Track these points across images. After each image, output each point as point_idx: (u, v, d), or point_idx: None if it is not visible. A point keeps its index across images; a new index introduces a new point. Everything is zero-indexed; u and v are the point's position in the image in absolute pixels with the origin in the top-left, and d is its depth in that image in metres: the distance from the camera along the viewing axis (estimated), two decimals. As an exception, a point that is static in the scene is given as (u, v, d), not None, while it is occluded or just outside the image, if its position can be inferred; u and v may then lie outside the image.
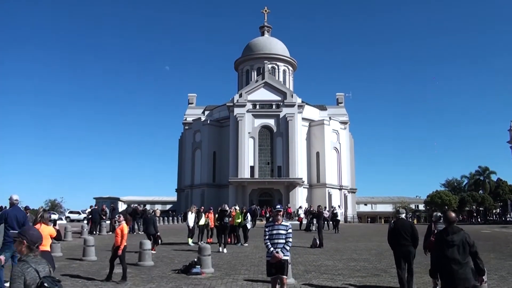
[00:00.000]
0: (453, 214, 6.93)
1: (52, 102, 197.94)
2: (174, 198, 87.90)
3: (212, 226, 23.11)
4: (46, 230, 6.70)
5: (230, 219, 19.99)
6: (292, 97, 70.33)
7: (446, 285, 6.53)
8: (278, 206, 8.26)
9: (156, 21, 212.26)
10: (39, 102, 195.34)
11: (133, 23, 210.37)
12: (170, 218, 51.97)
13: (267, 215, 47.83)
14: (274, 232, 7.69)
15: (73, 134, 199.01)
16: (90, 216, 30.56)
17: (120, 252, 11.07)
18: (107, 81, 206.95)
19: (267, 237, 7.73)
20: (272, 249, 7.63)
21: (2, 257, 5.56)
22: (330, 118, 74.90)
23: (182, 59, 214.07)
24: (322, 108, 79.32)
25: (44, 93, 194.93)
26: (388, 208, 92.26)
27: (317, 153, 72.39)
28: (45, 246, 6.45)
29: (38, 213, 8.37)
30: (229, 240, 20.47)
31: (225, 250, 18.04)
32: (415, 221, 56.42)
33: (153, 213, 22.09)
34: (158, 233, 18.90)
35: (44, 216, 8.14)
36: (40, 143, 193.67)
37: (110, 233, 28.31)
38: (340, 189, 73.23)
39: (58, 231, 6.97)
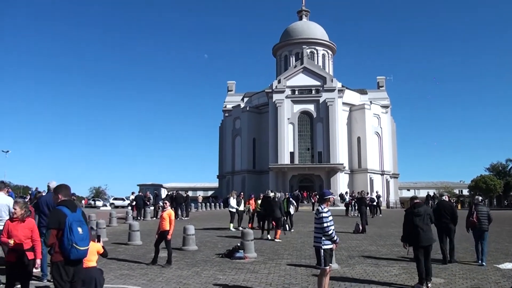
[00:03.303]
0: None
1: (97, 92, 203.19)
2: (215, 184, 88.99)
3: (253, 209, 23.25)
4: (94, 247, 6.96)
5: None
6: (332, 81, 69.45)
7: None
8: (327, 192, 8.07)
9: (194, 9, 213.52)
10: (85, 91, 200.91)
11: (171, 13, 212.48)
12: (212, 204, 52.69)
13: (312, 200, 47.69)
14: (331, 218, 7.54)
15: (117, 123, 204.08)
16: (134, 202, 31.25)
17: (169, 237, 11.29)
18: (149, 71, 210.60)
19: (328, 223, 7.49)
20: (336, 237, 7.51)
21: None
22: (371, 102, 73.60)
23: (221, 47, 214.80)
24: (362, 92, 77.99)
25: (89, 82, 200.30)
26: (431, 193, 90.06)
27: (358, 138, 71.41)
28: (92, 261, 6.67)
29: None
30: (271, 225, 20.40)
31: (269, 236, 18.01)
32: (458, 206, 55.05)
33: (280, 197, 20.88)
34: (284, 218, 18.75)
35: (91, 233, 8.34)
36: (85, 132, 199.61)
37: (154, 218, 28.91)
38: (382, 175, 72.10)
39: (104, 248, 7.21)
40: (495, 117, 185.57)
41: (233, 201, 22.12)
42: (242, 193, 25.16)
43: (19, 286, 6.49)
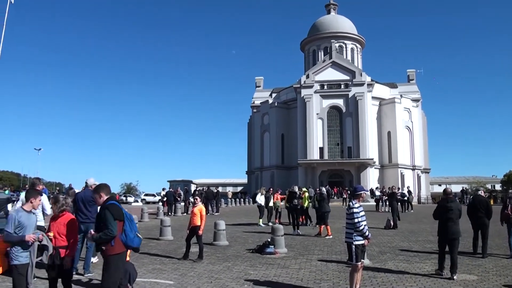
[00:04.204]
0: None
1: (127, 89, 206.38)
2: (244, 180, 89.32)
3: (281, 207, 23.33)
4: None
5: (300, 200, 19.81)
6: (361, 75, 68.70)
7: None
8: (360, 187, 7.99)
9: (221, 5, 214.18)
10: (116, 89, 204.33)
11: (199, 10, 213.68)
12: (242, 200, 52.88)
13: (343, 196, 47.37)
14: (363, 213, 7.47)
15: (148, 120, 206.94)
16: (165, 198, 31.64)
17: (201, 232, 11.39)
18: (178, 68, 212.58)
19: (360, 219, 7.41)
20: (368, 233, 7.43)
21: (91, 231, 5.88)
22: (401, 96, 72.46)
23: (248, 43, 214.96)
24: (392, 86, 76.84)
25: (120, 80, 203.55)
26: (464, 188, 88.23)
27: (389, 133, 70.45)
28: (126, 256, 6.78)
29: None
30: (300, 220, 20.34)
31: (299, 230, 17.94)
32: (491, 201, 53.93)
33: (325, 191, 20.07)
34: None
35: None
36: (116, 129, 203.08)
37: (185, 214, 29.21)
38: (413, 169, 70.98)
39: None
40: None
41: (259, 197, 22.26)
42: (271, 189, 25.16)
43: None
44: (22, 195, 12.95)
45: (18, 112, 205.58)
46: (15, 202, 12.72)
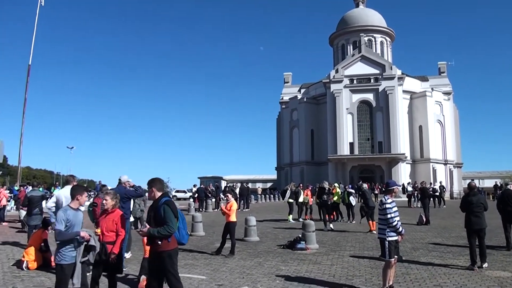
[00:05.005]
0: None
1: (157, 87, 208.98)
2: (274, 176, 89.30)
3: (311, 203, 23.32)
4: None
5: (330, 196, 19.66)
6: (391, 69, 67.70)
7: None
8: (392, 182, 7.91)
9: (248, 2, 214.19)
10: (146, 86, 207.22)
11: (226, 7, 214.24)
12: (272, 196, 52.95)
13: (375, 191, 46.87)
14: (396, 209, 7.42)
15: (178, 117, 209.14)
16: (196, 194, 31.97)
17: (232, 226, 11.56)
18: (206, 66, 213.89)
19: (392, 215, 7.36)
20: (401, 229, 7.37)
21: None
22: (432, 89, 71.02)
23: (276, 39, 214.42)
24: (423, 79, 75.36)
25: (150, 78, 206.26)
26: (498, 183, 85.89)
27: (420, 127, 69.24)
28: None
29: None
30: (332, 216, 20.24)
31: (331, 226, 17.84)
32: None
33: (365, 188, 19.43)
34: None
35: None
36: (147, 127, 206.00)
37: (216, 210, 29.46)
38: (445, 164, 69.58)
39: None
40: None
41: (288, 193, 22.36)
42: (301, 185, 25.12)
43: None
44: (55, 192, 13.38)
45: (50, 112, 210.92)
46: (48, 199, 13.13)
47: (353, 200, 21.58)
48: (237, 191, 29.83)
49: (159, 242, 5.50)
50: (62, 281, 5.74)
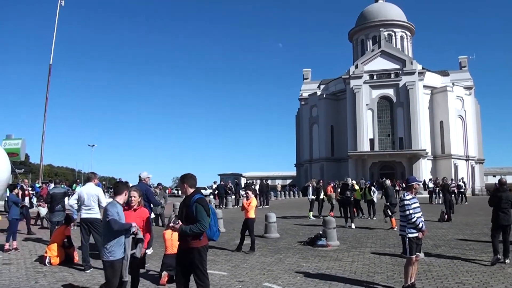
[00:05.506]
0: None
1: (178, 84, 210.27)
2: (293, 172, 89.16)
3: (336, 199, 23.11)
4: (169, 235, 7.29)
5: (353, 192, 19.42)
6: (411, 64, 66.85)
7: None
8: (412, 178, 7.82)
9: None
10: (167, 84, 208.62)
11: (244, 4, 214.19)
12: (291, 192, 52.91)
13: (396, 188, 46.41)
14: (416, 205, 7.36)
15: (198, 115, 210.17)
16: (216, 191, 32.18)
17: (250, 223, 11.60)
18: (225, 63, 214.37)
19: (412, 211, 7.31)
20: (422, 225, 7.30)
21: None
22: (453, 84, 69.90)
23: (294, 35, 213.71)
24: (444, 73, 74.19)
25: (170, 76, 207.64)
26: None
27: (441, 122, 68.29)
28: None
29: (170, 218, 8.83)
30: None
31: (353, 225, 17.50)
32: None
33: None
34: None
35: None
36: (167, 124, 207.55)
37: (236, 206, 29.58)
38: (466, 160, 68.50)
39: None
40: None
41: (311, 190, 22.26)
42: (321, 181, 25.00)
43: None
44: (77, 189, 13.62)
45: (71, 110, 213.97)
46: (70, 196, 13.35)
47: (374, 197, 21.42)
48: (257, 188, 29.88)
49: (190, 239, 5.55)
50: (113, 277, 5.72)
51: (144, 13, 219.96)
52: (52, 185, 17.02)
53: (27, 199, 20.81)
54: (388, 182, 19.14)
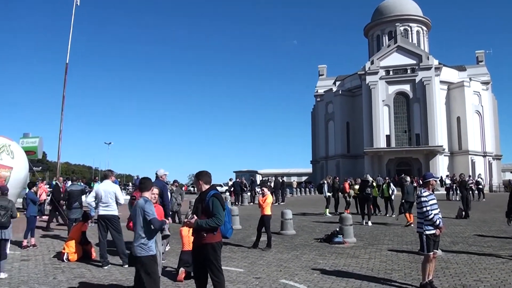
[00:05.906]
0: None
1: (194, 82, 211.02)
2: (309, 169, 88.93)
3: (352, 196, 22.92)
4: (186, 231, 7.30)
5: (372, 189, 19.21)
6: (428, 59, 66.12)
7: None
8: (429, 174, 7.74)
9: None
10: (181, 81, 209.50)
11: (258, 2, 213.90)
12: (307, 189, 52.83)
13: (414, 184, 45.98)
14: (434, 202, 7.29)
15: (213, 113, 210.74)
16: (232, 188, 32.26)
17: (266, 219, 11.62)
18: (240, 60, 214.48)
19: (429, 208, 7.25)
20: (439, 222, 7.22)
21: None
22: (470, 79, 69.08)
23: (309, 31, 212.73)
24: (461, 68, 73.26)
25: (185, 73, 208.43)
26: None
27: (458, 118, 67.49)
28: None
29: (187, 215, 8.83)
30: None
31: (369, 223, 17.33)
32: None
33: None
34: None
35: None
36: (184, 122, 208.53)
37: (251, 203, 29.63)
38: (484, 156, 67.67)
39: None
40: None
41: (326, 187, 22.16)
42: (337, 178, 24.90)
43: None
44: (95, 186, 13.75)
45: (88, 108, 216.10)
46: (88, 194, 13.52)
47: (392, 194, 21.23)
48: (272, 184, 29.89)
49: (204, 234, 5.56)
50: (156, 271, 5.76)
51: (162, 11, 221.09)
52: (70, 183, 17.25)
53: (44, 194, 21.04)
54: (408, 179, 18.83)
